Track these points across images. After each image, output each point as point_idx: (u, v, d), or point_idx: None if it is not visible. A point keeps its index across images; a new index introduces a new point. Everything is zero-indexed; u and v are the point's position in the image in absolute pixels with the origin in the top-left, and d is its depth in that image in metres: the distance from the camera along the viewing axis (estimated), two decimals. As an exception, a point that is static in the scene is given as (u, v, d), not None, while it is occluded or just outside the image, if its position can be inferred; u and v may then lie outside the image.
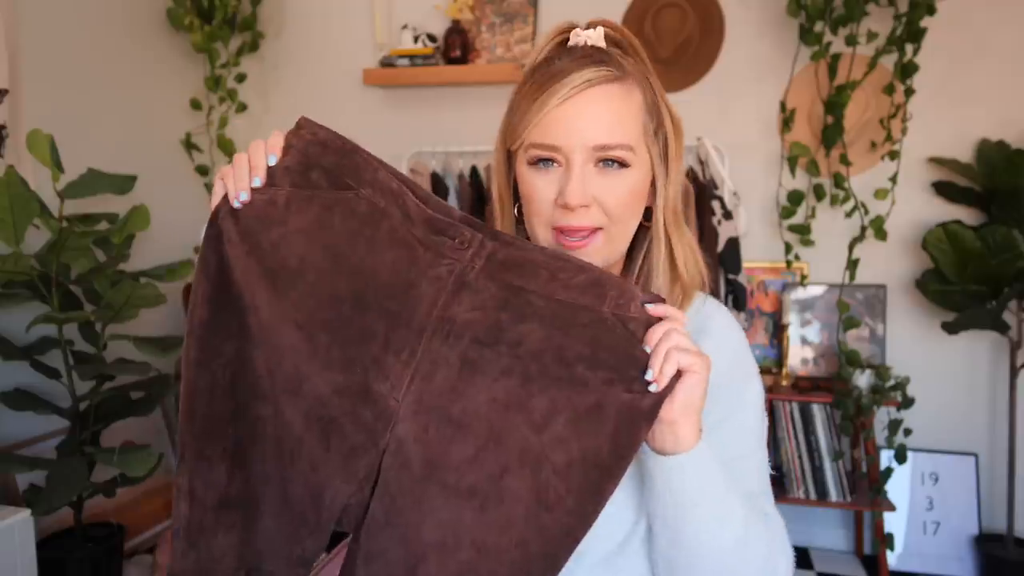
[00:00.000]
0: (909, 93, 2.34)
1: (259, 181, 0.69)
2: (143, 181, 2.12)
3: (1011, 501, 2.30)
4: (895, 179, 2.41)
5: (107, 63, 2.49)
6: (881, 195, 2.41)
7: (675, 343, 0.64)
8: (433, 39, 2.74)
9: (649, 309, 0.65)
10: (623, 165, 0.72)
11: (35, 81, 2.19)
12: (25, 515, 1.69)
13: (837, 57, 2.36)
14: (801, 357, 2.55)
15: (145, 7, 2.66)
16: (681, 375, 0.64)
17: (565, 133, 0.71)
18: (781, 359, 2.54)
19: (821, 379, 2.47)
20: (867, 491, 2.38)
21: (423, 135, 2.75)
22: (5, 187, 1.66)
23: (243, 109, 2.93)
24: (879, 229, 2.39)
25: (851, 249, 2.41)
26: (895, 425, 2.37)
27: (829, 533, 2.62)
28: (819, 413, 2.40)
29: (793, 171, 2.46)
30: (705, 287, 0.82)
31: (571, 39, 0.76)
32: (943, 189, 2.44)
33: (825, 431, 2.39)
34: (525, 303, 0.64)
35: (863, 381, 2.35)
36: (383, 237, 0.67)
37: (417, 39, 2.74)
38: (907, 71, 2.31)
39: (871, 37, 2.31)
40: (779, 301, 2.59)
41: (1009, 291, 2.17)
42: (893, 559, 2.44)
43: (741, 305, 2.34)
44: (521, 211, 0.79)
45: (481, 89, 2.74)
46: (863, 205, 2.42)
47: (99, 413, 1.98)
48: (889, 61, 2.38)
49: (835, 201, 2.45)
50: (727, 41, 2.58)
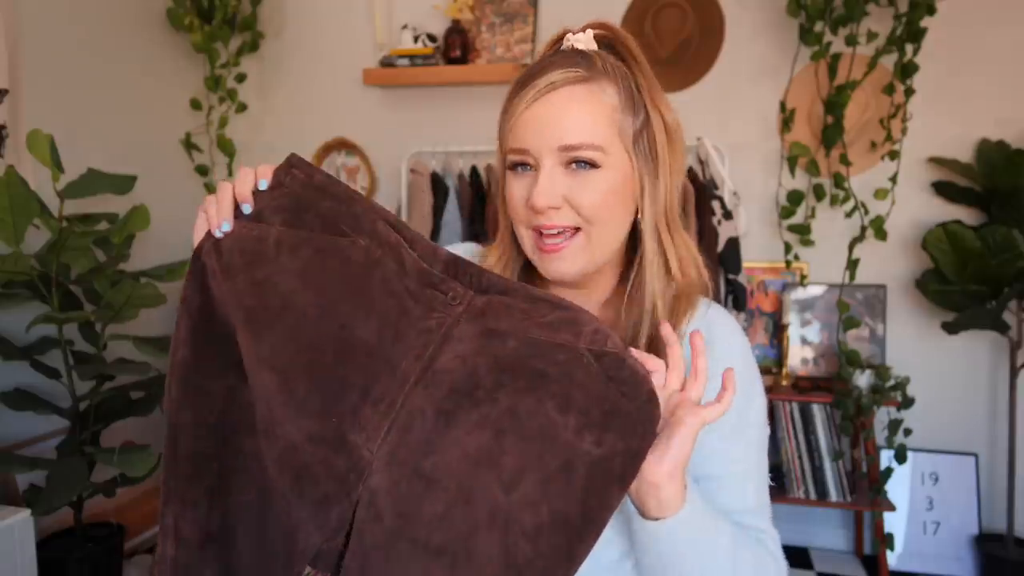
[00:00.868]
0: (909, 93, 2.34)
1: (248, 208, 0.68)
2: (143, 181, 2.12)
3: (1011, 501, 2.30)
4: (895, 179, 2.41)
5: (107, 63, 2.49)
6: (881, 195, 2.41)
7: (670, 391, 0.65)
8: (433, 39, 2.74)
9: (643, 362, 0.65)
10: (593, 165, 0.71)
11: (35, 81, 2.19)
12: (25, 515, 1.69)
13: (837, 57, 2.36)
14: (801, 357, 2.55)
15: (145, 7, 2.66)
16: (671, 429, 0.64)
17: (531, 135, 0.71)
18: (781, 359, 2.54)
19: (821, 379, 2.47)
20: (867, 491, 2.38)
21: (423, 135, 2.75)
22: (5, 187, 1.66)
23: (243, 109, 2.93)
24: (879, 229, 2.39)
25: (851, 249, 2.41)
26: (895, 425, 2.37)
27: (829, 533, 2.62)
28: (819, 413, 2.40)
29: (793, 171, 2.46)
30: (708, 292, 0.81)
31: (563, 44, 0.77)
32: (943, 189, 2.44)
33: (825, 431, 2.39)
34: (500, 346, 0.63)
35: (863, 381, 2.35)
36: (375, 287, 0.66)
37: (417, 39, 2.74)
38: (907, 71, 2.31)
39: (871, 37, 2.31)
40: (779, 301, 2.59)
41: (1009, 291, 2.17)
42: (893, 559, 2.44)
43: (741, 305, 2.34)
44: None
45: (481, 89, 2.74)
46: (863, 205, 2.42)
47: (99, 413, 1.98)
48: (889, 61, 2.38)
49: (835, 201, 2.45)
50: (727, 41, 2.58)
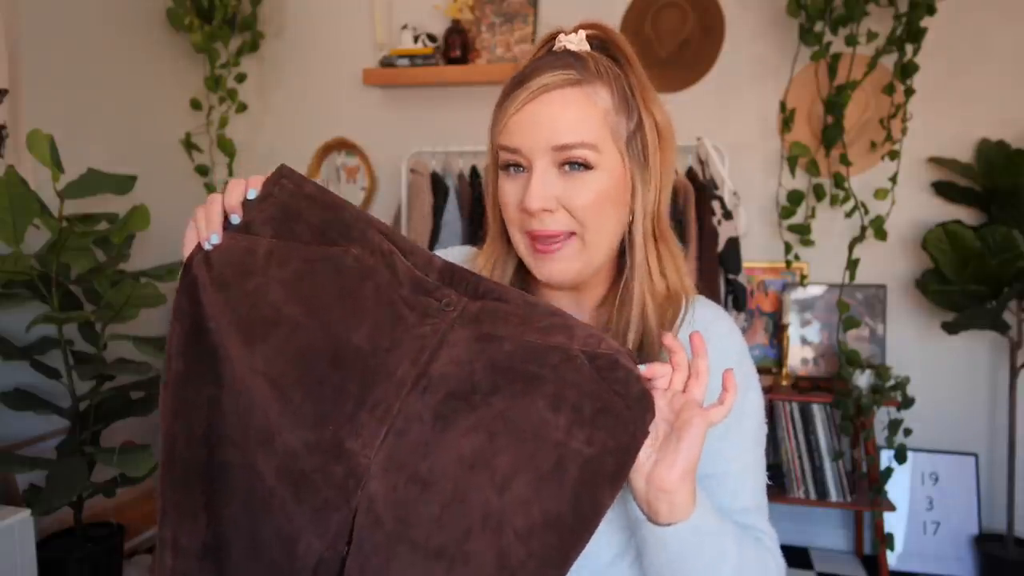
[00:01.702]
0: (909, 93, 2.34)
1: (237, 219, 0.68)
2: (143, 181, 2.12)
3: (1011, 501, 2.30)
4: (895, 179, 2.41)
5: (107, 63, 2.49)
6: (881, 195, 2.41)
7: (676, 391, 0.65)
8: (433, 39, 2.74)
9: (643, 372, 0.65)
10: (587, 167, 0.71)
11: (35, 81, 2.19)
12: (25, 515, 1.69)
13: (837, 57, 2.36)
14: (801, 357, 2.55)
15: (145, 7, 2.66)
16: (680, 432, 0.63)
17: (524, 136, 0.70)
18: (781, 359, 2.54)
19: (821, 379, 2.47)
20: (867, 491, 2.38)
21: (423, 135, 2.75)
22: (5, 187, 1.66)
23: (243, 109, 2.93)
24: (879, 229, 2.39)
25: (851, 249, 2.41)
26: (895, 425, 2.37)
27: (829, 533, 2.62)
28: (819, 413, 2.40)
29: (793, 171, 2.46)
30: (693, 295, 0.80)
31: (555, 44, 0.76)
32: (943, 189, 2.44)
33: (825, 431, 2.39)
34: (496, 350, 0.64)
35: (863, 381, 2.35)
36: (368, 295, 0.66)
37: (417, 39, 2.74)
38: (907, 71, 2.31)
39: (871, 37, 2.31)
40: (779, 301, 2.59)
41: (1009, 291, 2.17)
42: (893, 559, 2.44)
43: (741, 305, 2.34)
44: None
45: (481, 89, 2.74)
46: (863, 205, 2.42)
47: (99, 413, 1.98)
48: (889, 61, 2.38)
49: (835, 201, 2.45)
50: (727, 41, 2.58)
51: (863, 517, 2.56)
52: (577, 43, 0.75)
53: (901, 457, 2.35)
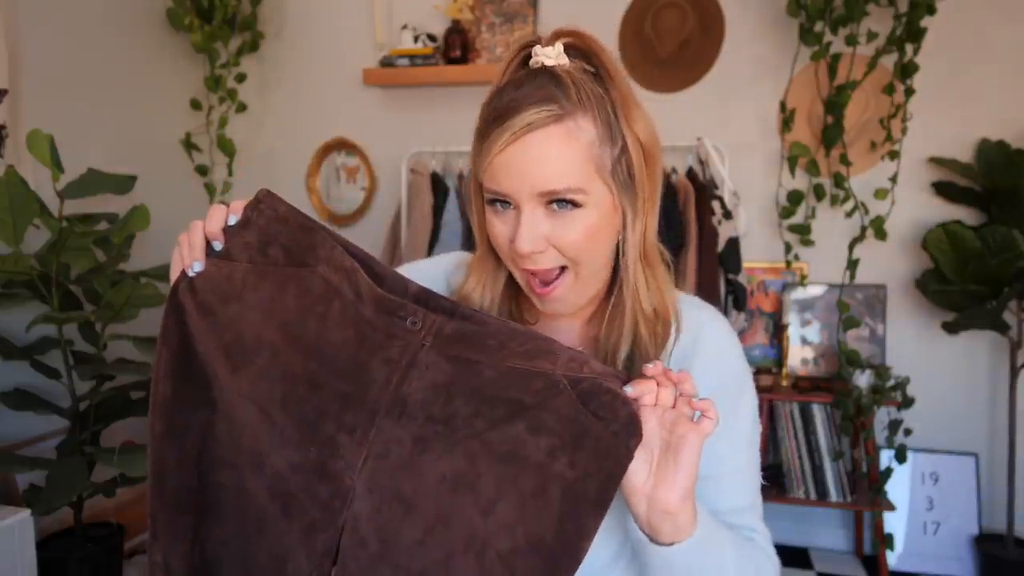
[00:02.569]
0: (909, 93, 2.34)
1: (219, 246, 0.69)
2: (143, 181, 2.12)
3: (1011, 501, 2.30)
4: (895, 179, 2.41)
5: (107, 63, 2.49)
6: (881, 195, 2.41)
7: (665, 407, 0.64)
8: (433, 39, 2.74)
9: (629, 393, 0.64)
10: (575, 205, 0.69)
11: (35, 81, 2.19)
12: (25, 515, 1.69)
13: (837, 57, 2.36)
14: (801, 357, 2.55)
15: (145, 7, 2.66)
16: (676, 450, 0.63)
17: (509, 180, 0.69)
18: (781, 359, 2.54)
19: (821, 379, 2.47)
20: (867, 491, 2.38)
21: (423, 135, 2.75)
22: (5, 187, 1.66)
23: (243, 109, 2.93)
24: (879, 229, 2.39)
25: (851, 249, 2.41)
26: (895, 425, 2.37)
27: (829, 533, 2.62)
28: (819, 413, 2.40)
29: (793, 171, 2.46)
30: (677, 329, 0.78)
31: (532, 57, 0.72)
32: (943, 189, 2.44)
33: (825, 431, 2.39)
34: (475, 375, 0.64)
35: (863, 381, 2.35)
36: (335, 316, 0.67)
37: (417, 39, 2.74)
38: (907, 71, 2.31)
39: (871, 37, 2.31)
40: (779, 301, 2.59)
41: (1009, 291, 2.17)
42: (893, 559, 2.44)
43: (741, 305, 2.34)
44: None
45: (481, 89, 2.70)
46: (863, 205, 2.42)
47: (99, 413, 1.98)
48: (889, 61, 2.38)
49: (835, 201, 2.45)
50: (727, 41, 2.58)
51: (863, 517, 2.56)
52: (555, 56, 0.71)
53: (901, 457, 2.35)
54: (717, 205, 2.32)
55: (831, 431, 2.39)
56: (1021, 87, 2.38)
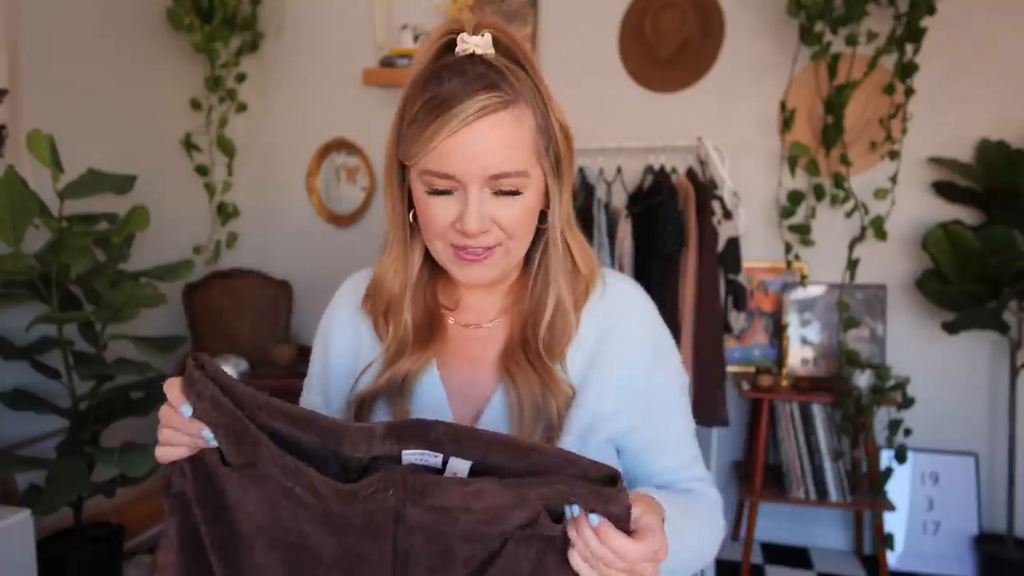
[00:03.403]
0: (909, 93, 2.34)
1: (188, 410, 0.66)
2: (143, 181, 2.12)
3: (1011, 501, 2.30)
4: (895, 179, 2.41)
5: (107, 63, 2.49)
6: (881, 195, 2.41)
7: None
8: (433, 39, 2.74)
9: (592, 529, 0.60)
10: (518, 192, 0.74)
11: (35, 81, 2.19)
12: (25, 515, 1.69)
13: (837, 57, 2.36)
14: (801, 357, 2.55)
15: (145, 7, 2.66)
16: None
17: (460, 162, 0.70)
18: (781, 359, 2.54)
19: (821, 379, 2.47)
20: (867, 491, 2.38)
21: (423, 135, 2.74)
22: (5, 187, 1.66)
23: (243, 109, 2.93)
24: (879, 229, 2.39)
25: (851, 249, 2.41)
26: (895, 425, 2.37)
27: (829, 533, 2.62)
28: (819, 413, 2.40)
29: (793, 171, 2.46)
30: (603, 286, 0.85)
31: (458, 45, 0.73)
32: (943, 189, 2.44)
33: (825, 431, 2.39)
34: (452, 520, 0.62)
35: (863, 381, 2.35)
36: (307, 519, 0.64)
37: (417, 39, 2.74)
38: (907, 71, 2.31)
39: (871, 37, 2.31)
40: (779, 301, 2.59)
41: (1009, 291, 2.17)
42: (893, 559, 2.44)
43: (741, 305, 2.34)
44: (415, 219, 0.79)
45: (481, 89, 2.73)
46: (863, 205, 2.42)
47: (99, 413, 1.98)
48: (889, 61, 2.38)
49: (835, 201, 2.45)
50: (727, 41, 2.58)
51: (863, 517, 2.56)
52: (484, 46, 0.73)
53: (901, 457, 2.35)
54: (717, 205, 2.32)
55: (831, 431, 2.39)
56: (1021, 87, 2.38)
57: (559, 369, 0.79)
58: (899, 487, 2.45)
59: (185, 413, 0.65)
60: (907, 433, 2.40)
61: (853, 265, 2.40)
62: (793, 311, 2.56)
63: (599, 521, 0.58)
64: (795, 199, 2.47)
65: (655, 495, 0.69)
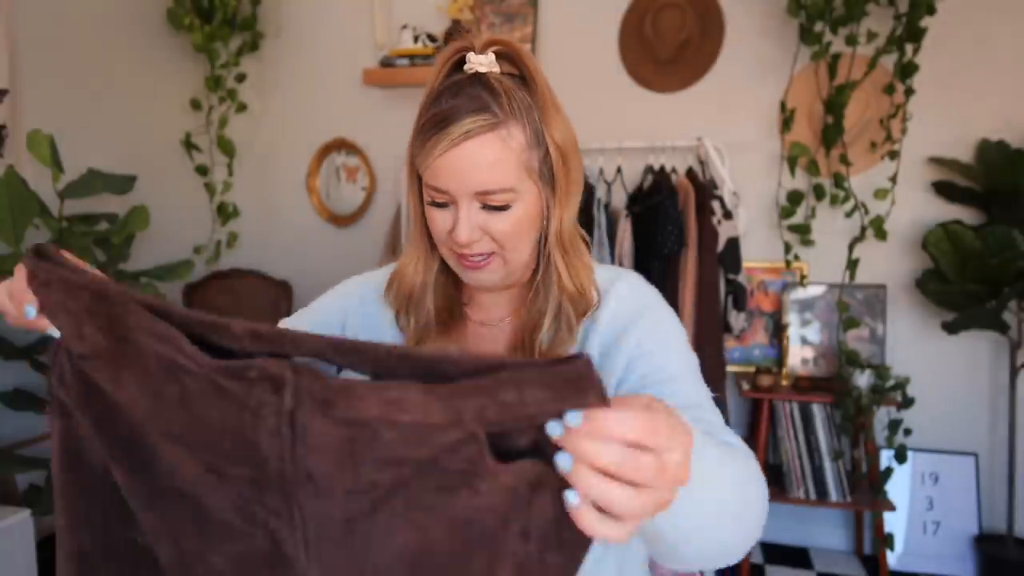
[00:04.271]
0: (909, 93, 2.34)
1: (33, 310, 0.61)
2: (143, 181, 2.12)
3: (1011, 501, 2.30)
4: (895, 179, 2.41)
5: (107, 63, 2.49)
6: (881, 195, 2.41)
7: (593, 464, 0.44)
8: (433, 39, 2.74)
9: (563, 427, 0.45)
10: (506, 207, 0.78)
11: (35, 81, 2.19)
12: (25, 515, 1.69)
13: (837, 57, 2.36)
14: (801, 357, 2.55)
15: (145, 7, 2.66)
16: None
17: (449, 180, 0.77)
18: (781, 359, 2.54)
19: (821, 379, 2.47)
20: (867, 491, 2.38)
21: (423, 135, 2.74)
22: (5, 187, 1.67)
23: (243, 109, 2.93)
24: (879, 229, 2.39)
25: (851, 249, 2.41)
26: (895, 425, 2.37)
27: (829, 533, 2.62)
28: (819, 413, 2.40)
29: (793, 171, 2.46)
30: (597, 297, 0.85)
31: (466, 64, 0.80)
32: (943, 189, 2.44)
33: (825, 431, 2.39)
34: (373, 436, 0.49)
35: (863, 381, 2.35)
36: (193, 394, 0.54)
37: (417, 39, 2.74)
38: (907, 71, 2.31)
39: (871, 37, 2.31)
40: (779, 301, 2.59)
41: (1009, 291, 2.17)
42: (893, 559, 2.44)
43: (741, 305, 2.34)
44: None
45: (481, 89, 2.74)
46: (863, 205, 2.42)
47: (99, 413, 1.98)
48: (889, 61, 2.38)
49: (835, 201, 2.45)
50: (727, 41, 2.58)
51: (863, 517, 2.56)
52: (488, 65, 0.79)
53: (901, 457, 2.35)
54: (717, 205, 2.32)
55: (831, 431, 2.39)
56: (1021, 87, 2.38)
57: None
58: (899, 487, 2.45)
59: (29, 315, 0.61)
60: (907, 433, 2.40)
61: (853, 265, 2.40)
62: (793, 311, 2.56)
63: (579, 416, 0.43)
64: (795, 199, 2.47)
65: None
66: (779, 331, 2.57)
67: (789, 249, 2.50)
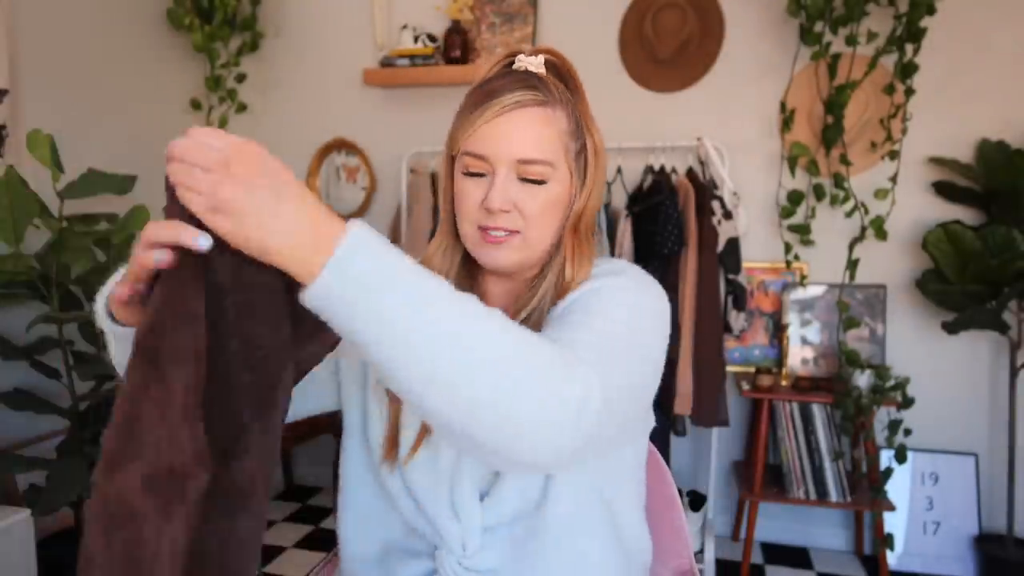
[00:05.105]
0: (909, 93, 2.34)
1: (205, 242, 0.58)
2: (143, 181, 2.12)
3: (1011, 501, 2.30)
4: (895, 179, 2.41)
5: (107, 63, 2.49)
6: (881, 195, 2.41)
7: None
8: (433, 39, 2.74)
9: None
10: (542, 182, 0.81)
11: (35, 81, 2.19)
12: (25, 515, 1.69)
13: (837, 57, 2.36)
14: (801, 357, 2.55)
15: (145, 7, 2.66)
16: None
17: (493, 145, 0.80)
18: (781, 359, 2.54)
19: (821, 379, 2.47)
20: (867, 491, 2.38)
21: (423, 135, 2.75)
22: (5, 187, 1.67)
23: (243, 109, 2.93)
24: (879, 229, 2.39)
25: (851, 249, 2.41)
26: (895, 425, 2.37)
27: (829, 533, 2.62)
28: (819, 413, 2.40)
29: (793, 171, 2.46)
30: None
31: (515, 63, 0.86)
32: (943, 189, 2.44)
33: (825, 431, 2.39)
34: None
35: (863, 381, 2.35)
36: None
37: (417, 39, 2.74)
38: (907, 71, 2.31)
39: (871, 37, 2.31)
40: (779, 301, 2.59)
41: (1009, 291, 2.17)
42: (893, 559, 2.44)
43: (741, 305, 2.34)
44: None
45: (481, 89, 2.74)
46: (863, 205, 2.42)
47: (99, 413, 1.98)
48: (889, 61, 2.38)
49: (835, 201, 2.45)
50: (727, 41, 2.58)
51: (863, 517, 2.56)
52: (536, 65, 0.85)
53: (901, 457, 2.35)
54: (717, 205, 2.32)
55: (831, 431, 2.39)
56: (1021, 87, 2.38)
57: None
58: (899, 487, 2.45)
59: (204, 245, 0.57)
60: (907, 433, 2.40)
61: (853, 265, 2.40)
62: (793, 311, 2.56)
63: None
64: (795, 199, 2.47)
65: None
66: (779, 331, 2.57)
67: (789, 249, 2.50)
